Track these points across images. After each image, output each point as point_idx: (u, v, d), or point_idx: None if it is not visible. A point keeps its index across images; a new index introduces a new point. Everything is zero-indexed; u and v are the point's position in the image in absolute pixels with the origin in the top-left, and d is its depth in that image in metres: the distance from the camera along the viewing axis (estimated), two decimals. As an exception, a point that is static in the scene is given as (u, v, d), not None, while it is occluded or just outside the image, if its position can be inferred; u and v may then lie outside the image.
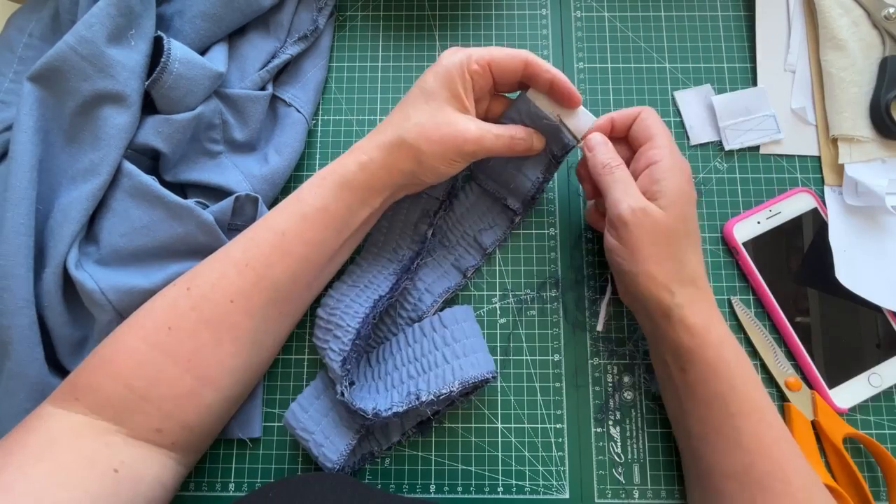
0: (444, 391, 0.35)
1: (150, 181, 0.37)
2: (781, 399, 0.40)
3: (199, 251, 0.38)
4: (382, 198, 0.36)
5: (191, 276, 0.34)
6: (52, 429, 0.30)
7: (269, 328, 0.36)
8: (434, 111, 0.34)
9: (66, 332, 0.36)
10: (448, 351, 0.37)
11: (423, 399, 0.35)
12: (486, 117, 0.39)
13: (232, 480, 0.40)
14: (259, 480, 0.40)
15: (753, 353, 0.41)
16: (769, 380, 0.41)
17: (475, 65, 0.35)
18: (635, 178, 0.35)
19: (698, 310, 0.33)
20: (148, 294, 0.35)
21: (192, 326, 0.33)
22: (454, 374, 0.36)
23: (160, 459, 0.32)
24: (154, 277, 0.36)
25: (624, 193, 0.34)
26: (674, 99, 0.46)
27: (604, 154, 0.36)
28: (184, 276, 0.35)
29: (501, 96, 0.39)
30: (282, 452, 0.40)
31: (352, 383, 0.37)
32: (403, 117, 0.35)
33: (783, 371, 0.40)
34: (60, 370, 0.36)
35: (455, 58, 0.35)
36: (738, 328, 0.41)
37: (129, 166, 0.37)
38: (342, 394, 0.36)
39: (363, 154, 0.35)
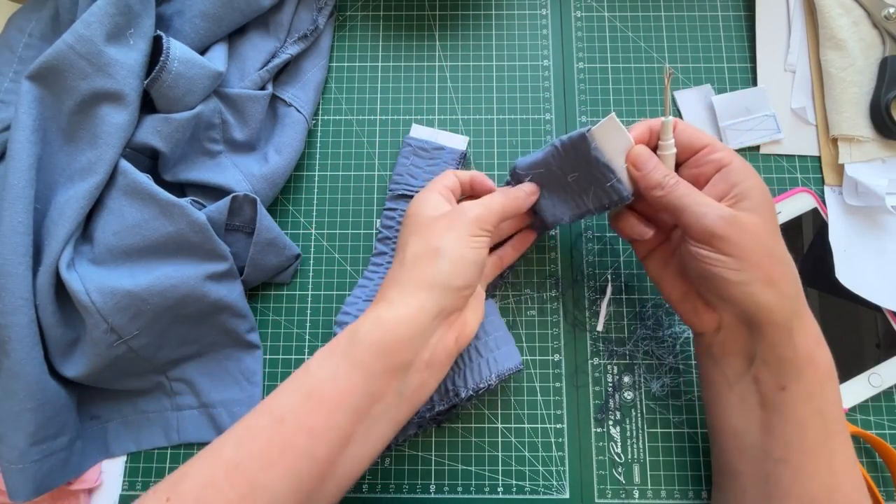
0: (482, 385, 0.36)
1: (144, 179, 0.37)
2: (782, 399, 0.40)
3: (191, 251, 0.37)
4: (414, 350, 0.29)
5: (177, 478, 0.27)
6: None
7: None
8: (427, 216, 0.33)
9: (58, 333, 0.36)
10: (481, 344, 0.37)
11: (463, 395, 0.36)
12: None
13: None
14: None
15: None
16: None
17: (440, 187, 0.35)
18: (703, 184, 0.33)
19: (812, 321, 0.31)
20: (131, 297, 0.35)
21: None
22: (490, 367, 0.36)
23: None
24: (140, 279, 0.36)
25: (703, 205, 0.31)
26: (674, 99, 0.46)
27: (658, 171, 0.33)
28: (172, 476, 0.27)
29: None
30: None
31: None
32: (401, 253, 0.32)
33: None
34: (52, 371, 0.36)
35: (417, 196, 0.35)
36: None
37: (124, 164, 0.37)
38: None
39: (378, 303, 0.30)
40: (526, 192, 0.36)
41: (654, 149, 0.34)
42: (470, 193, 0.38)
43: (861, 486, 0.30)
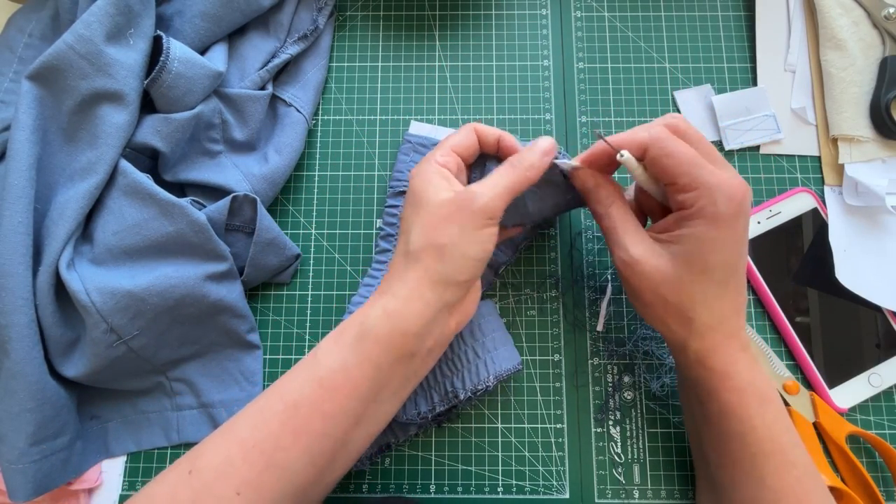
0: (480, 387, 0.36)
1: (144, 179, 0.37)
2: (782, 399, 0.40)
3: (191, 251, 0.37)
4: (418, 341, 0.30)
5: (195, 454, 0.29)
6: None
7: None
8: (427, 206, 0.31)
9: (58, 333, 0.36)
10: (478, 345, 0.37)
11: (462, 397, 0.36)
12: None
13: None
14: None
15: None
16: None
17: (440, 157, 0.33)
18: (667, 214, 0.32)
19: (720, 355, 0.31)
20: (130, 297, 0.35)
21: None
22: (488, 368, 0.36)
23: None
24: (140, 279, 0.35)
25: (614, 244, 0.32)
26: (674, 99, 0.46)
27: (592, 197, 0.33)
28: (188, 454, 0.30)
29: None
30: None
31: None
32: (405, 239, 0.31)
33: (780, 375, 0.40)
34: (52, 371, 0.36)
35: (420, 166, 0.33)
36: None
37: (124, 164, 0.37)
38: None
39: (384, 293, 0.30)
40: (541, 151, 0.32)
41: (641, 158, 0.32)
42: (496, 154, 0.36)
43: (809, 500, 0.30)
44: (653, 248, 0.31)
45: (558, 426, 0.40)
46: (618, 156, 0.32)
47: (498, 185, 0.31)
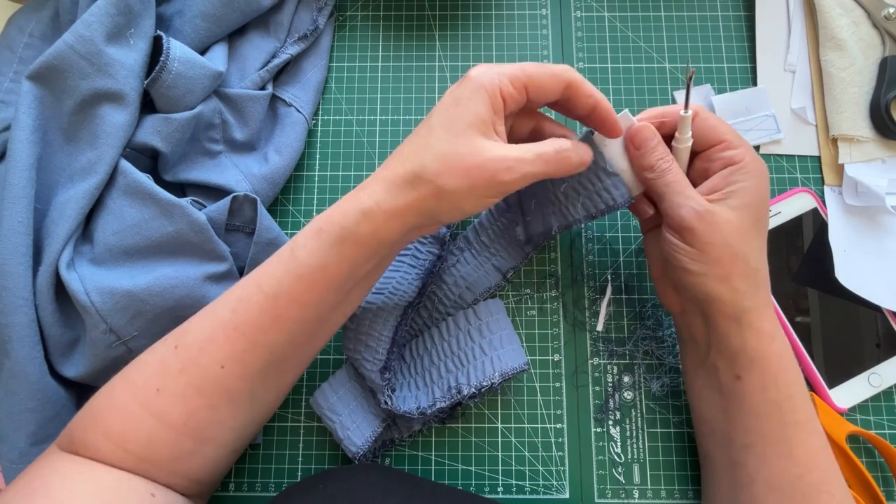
0: (485, 384, 0.36)
1: (144, 179, 0.37)
2: (782, 399, 0.40)
3: (191, 251, 0.37)
4: (391, 247, 0.31)
5: (181, 331, 0.32)
6: (80, 459, 0.30)
7: (268, 386, 0.33)
8: (457, 139, 0.29)
9: (58, 333, 0.36)
10: (485, 343, 0.37)
11: (465, 393, 0.36)
12: (510, 137, 0.34)
13: (232, 480, 0.40)
14: (259, 480, 0.40)
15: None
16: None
17: (510, 87, 0.30)
18: (706, 178, 0.33)
19: (767, 316, 0.32)
20: (130, 297, 0.35)
21: (181, 391, 0.30)
22: (493, 365, 0.36)
23: (181, 499, 0.31)
24: (139, 279, 0.35)
25: (682, 196, 0.32)
26: (674, 99, 0.46)
27: (655, 153, 0.33)
28: (175, 331, 0.32)
29: (530, 112, 0.35)
30: (282, 453, 0.40)
31: (392, 390, 0.37)
32: (419, 148, 0.30)
33: (783, 372, 0.40)
34: (52, 371, 0.36)
35: (486, 77, 0.30)
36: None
37: (124, 164, 0.37)
38: (385, 403, 0.36)
39: (368, 198, 0.30)
40: (583, 161, 0.32)
41: (669, 138, 0.34)
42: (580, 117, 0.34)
43: (830, 476, 0.31)
44: (715, 203, 0.32)
45: (558, 426, 0.40)
46: (682, 111, 0.33)
47: (527, 171, 0.29)
